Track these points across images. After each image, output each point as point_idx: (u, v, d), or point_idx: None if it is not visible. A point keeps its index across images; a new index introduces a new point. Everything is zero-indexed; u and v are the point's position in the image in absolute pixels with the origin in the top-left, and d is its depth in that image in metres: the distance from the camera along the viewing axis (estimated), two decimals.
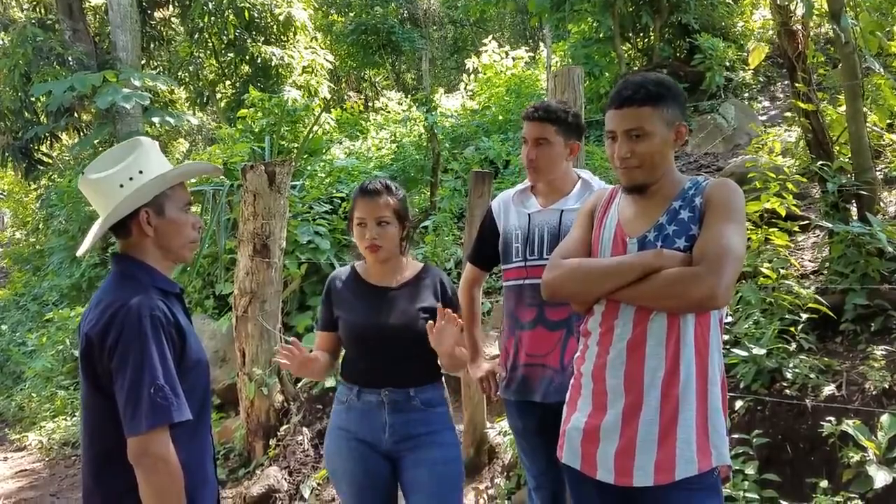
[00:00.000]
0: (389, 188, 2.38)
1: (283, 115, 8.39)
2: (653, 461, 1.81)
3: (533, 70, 11.92)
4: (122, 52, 11.33)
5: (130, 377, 1.64)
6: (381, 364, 2.35)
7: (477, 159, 8.15)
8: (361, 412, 2.35)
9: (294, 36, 14.26)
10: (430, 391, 2.38)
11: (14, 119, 12.60)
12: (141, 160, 1.82)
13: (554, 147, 2.52)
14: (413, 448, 2.33)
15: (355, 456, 2.35)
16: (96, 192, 1.80)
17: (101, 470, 1.74)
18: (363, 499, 2.36)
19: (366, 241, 2.34)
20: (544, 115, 2.53)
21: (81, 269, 9.03)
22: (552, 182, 2.59)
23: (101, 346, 1.67)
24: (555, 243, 2.41)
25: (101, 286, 1.83)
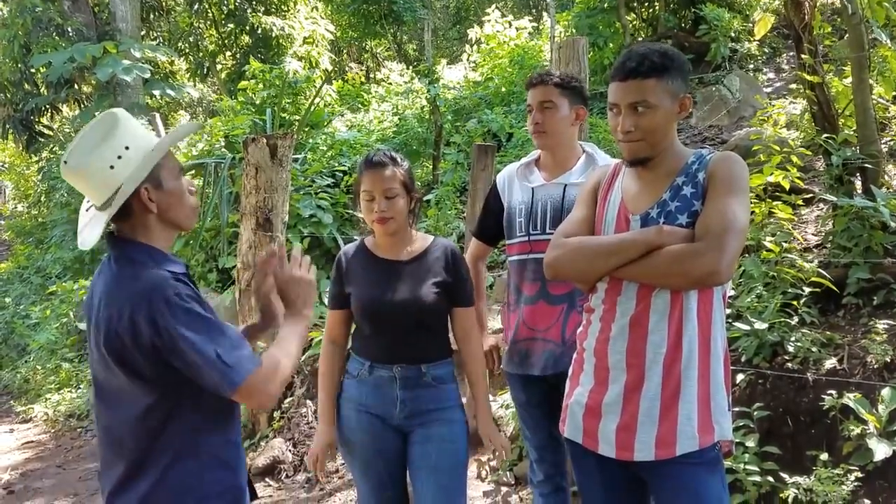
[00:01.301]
0: (395, 159, 2.36)
1: (285, 87, 8.33)
2: (654, 436, 1.82)
3: (536, 40, 11.80)
4: (121, 23, 11.25)
5: (192, 353, 1.60)
6: (392, 339, 2.34)
7: (479, 132, 8.10)
8: (374, 386, 2.35)
9: (294, 6, 14.13)
10: (442, 367, 2.37)
11: (14, 91, 12.56)
12: (124, 135, 1.69)
13: (559, 110, 2.50)
14: (423, 423, 2.34)
15: (367, 428, 2.35)
16: (85, 179, 1.67)
17: (147, 450, 1.69)
18: (375, 470, 2.37)
19: (374, 214, 2.31)
20: (547, 78, 2.52)
21: None
22: (558, 151, 2.56)
23: (137, 340, 1.60)
24: (558, 218, 2.42)
25: (107, 275, 1.71)
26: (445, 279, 2.35)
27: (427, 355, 2.35)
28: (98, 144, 1.66)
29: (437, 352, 2.38)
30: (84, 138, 1.68)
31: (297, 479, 4.41)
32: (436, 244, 2.44)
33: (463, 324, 2.41)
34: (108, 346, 1.63)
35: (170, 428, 1.69)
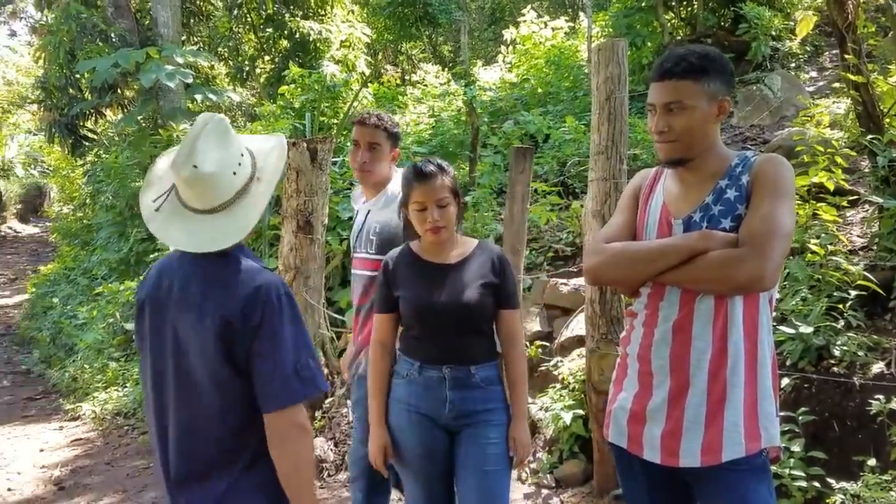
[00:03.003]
0: (442, 168, 2.39)
1: (324, 91, 8.41)
2: (699, 443, 1.81)
3: (573, 41, 11.74)
4: (163, 28, 11.46)
5: (278, 354, 1.67)
6: (442, 341, 2.37)
7: (517, 134, 8.08)
8: (423, 387, 2.38)
9: (331, 10, 14.25)
10: (489, 369, 2.40)
11: (60, 96, 12.86)
12: (239, 141, 1.77)
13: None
14: (470, 424, 2.36)
15: (416, 428, 2.38)
16: (213, 183, 1.70)
17: (231, 447, 1.74)
18: (423, 469, 2.40)
19: (428, 224, 2.35)
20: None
21: (129, 244, 9.22)
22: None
23: (244, 326, 1.67)
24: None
25: (208, 269, 1.75)
26: (492, 281, 2.38)
27: (475, 356, 2.37)
28: (225, 149, 1.73)
29: (485, 353, 2.40)
30: (209, 142, 1.72)
31: (339, 478, 4.46)
32: (481, 247, 2.47)
33: (509, 325, 2.43)
34: (218, 334, 1.68)
35: (254, 423, 1.73)
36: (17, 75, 25.61)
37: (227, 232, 1.74)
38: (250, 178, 1.77)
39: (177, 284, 1.77)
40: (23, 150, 26.63)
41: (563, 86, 9.75)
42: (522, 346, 2.48)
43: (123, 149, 11.15)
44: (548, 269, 5.66)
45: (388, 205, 2.80)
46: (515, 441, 2.38)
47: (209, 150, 1.70)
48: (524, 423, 2.42)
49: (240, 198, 1.74)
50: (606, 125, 3.21)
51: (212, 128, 1.74)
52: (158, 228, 1.80)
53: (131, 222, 9.67)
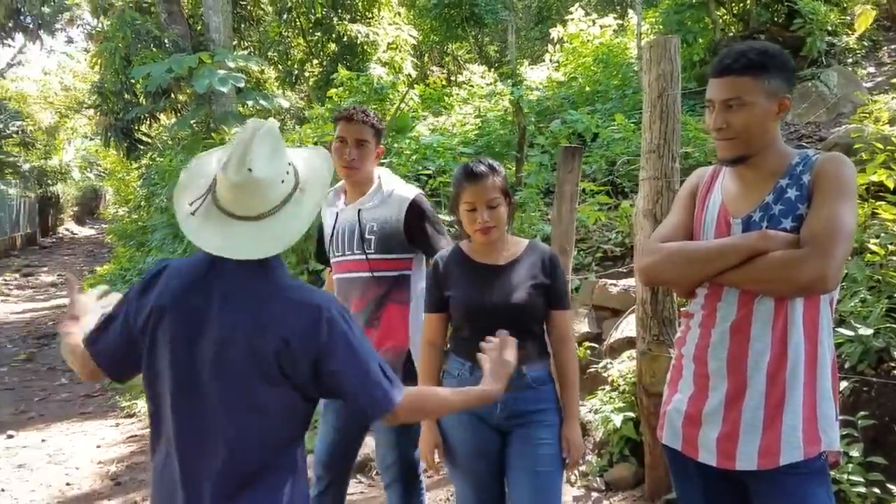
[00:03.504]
0: (493, 168, 2.37)
1: (371, 94, 8.49)
2: (757, 446, 1.78)
3: (621, 38, 11.61)
4: (214, 34, 11.70)
5: (362, 367, 1.67)
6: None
7: (564, 133, 8.03)
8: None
9: (378, 12, 14.38)
10: (541, 369, 2.38)
11: (115, 100, 13.26)
12: (287, 150, 1.74)
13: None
14: (522, 424, 2.35)
15: (467, 428, 2.38)
16: (261, 188, 1.66)
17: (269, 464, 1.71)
18: (474, 469, 2.40)
19: (478, 224, 2.34)
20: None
21: (183, 246, 9.41)
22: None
23: (306, 345, 1.63)
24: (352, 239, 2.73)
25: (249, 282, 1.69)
26: (543, 281, 2.36)
27: (526, 357, 2.34)
28: (276, 157, 1.69)
29: (536, 353, 2.38)
30: (262, 148, 1.67)
31: None
32: (532, 247, 2.45)
33: (560, 326, 2.41)
34: (274, 353, 1.63)
35: (293, 442, 1.74)
36: (74, 81, 26.47)
37: (267, 241, 1.67)
38: (294, 188, 1.72)
39: (217, 295, 1.68)
40: (79, 154, 27.51)
41: (612, 84, 9.65)
42: (573, 347, 2.46)
43: (177, 152, 11.41)
44: (596, 269, 5.61)
45: (385, 202, 2.73)
46: (569, 442, 2.36)
47: (263, 155, 1.66)
48: (577, 423, 2.40)
49: (282, 208, 1.69)
50: (658, 123, 3.17)
51: (265, 133, 1.70)
52: (192, 231, 1.71)
53: None
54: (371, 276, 2.69)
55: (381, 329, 2.70)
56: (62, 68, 26.75)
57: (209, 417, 1.67)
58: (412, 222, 2.72)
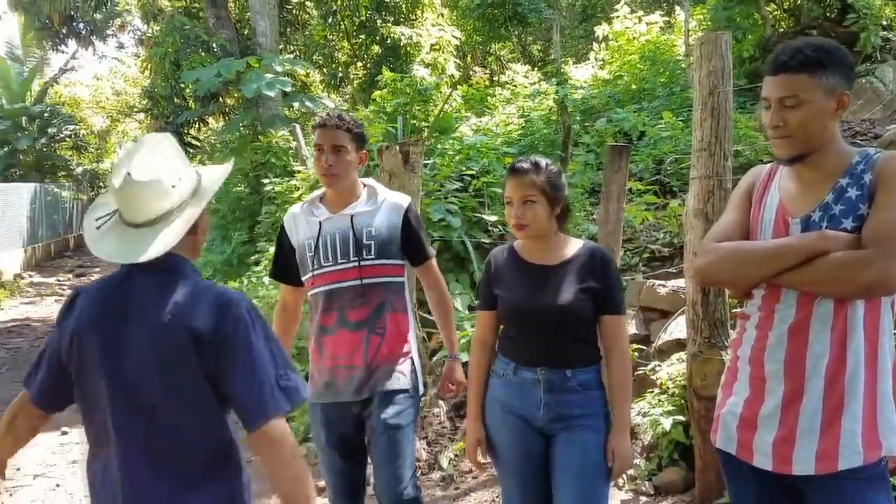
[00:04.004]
0: (538, 166, 2.34)
1: (415, 95, 8.52)
2: (814, 450, 1.74)
3: (668, 35, 11.45)
4: (261, 38, 11.87)
5: (254, 368, 1.66)
6: (537, 343, 2.34)
7: (610, 132, 7.95)
8: (518, 387, 2.35)
9: (422, 14, 14.43)
10: (588, 373, 2.33)
11: (165, 105, 13.56)
12: (181, 159, 1.78)
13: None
14: (567, 428, 2.31)
15: (511, 428, 2.37)
16: (147, 193, 1.69)
17: (213, 462, 1.73)
18: (519, 470, 2.38)
19: (513, 219, 2.34)
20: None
21: (232, 247, 9.59)
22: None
23: (213, 339, 1.66)
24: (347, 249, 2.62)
25: (159, 284, 1.72)
26: (592, 285, 2.31)
27: (572, 360, 2.32)
28: (163, 164, 1.72)
29: (584, 357, 2.35)
30: (146, 156, 1.73)
31: (432, 477, 4.49)
32: (587, 249, 2.39)
33: (610, 332, 2.35)
34: (187, 347, 1.65)
35: (232, 437, 1.74)
36: (125, 85, 27.14)
37: (153, 244, 1.70)
38: (191, 196, 1.77)
39: (130, 306, 1.72)
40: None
41: (659, 82, 9.52)
42: (625, 355, 2.37)
43: (226, 155, 11.61)
44: (643, 270, 5.53)
45: (380, 208, 2.66)
46: (614, 453, 2.30)
47: (145, 161, 1.71)
48: (624, 434, 2.32)
49: (178, 213, 1.73)
50: (710, 120, 3.10)
51: (152, 142, 1.77)
52: (93, 240, 1.77)
53: (234, 226, 10.05)
54: (361, 284, 2.59)
55: (387, 339, 2.62)
56: (113, 73, 27.45)
57: (147, 423, 1.69)
58: (408, 227, 2.69)
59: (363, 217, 2.63)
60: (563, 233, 2.45)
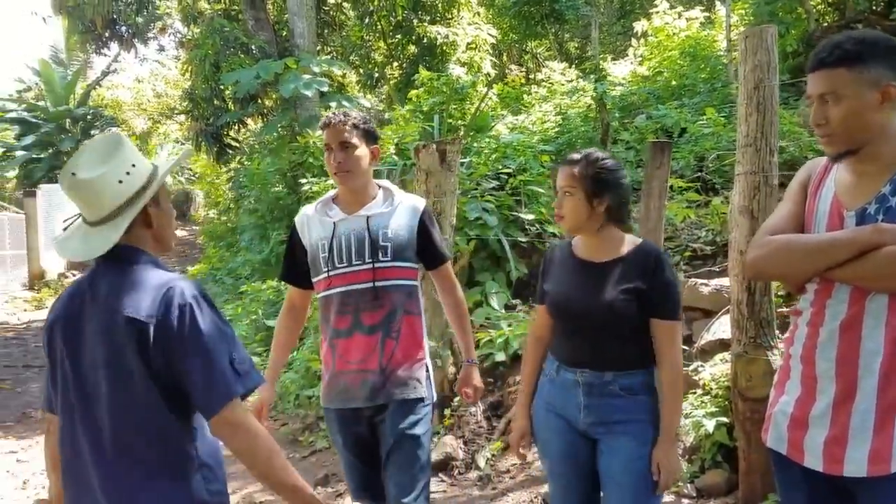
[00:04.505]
0: (587, 158, 2.26)
1: (452, 94, 8.51)
2: (866, 451, 1.68)
3: (709, 31, 11.27)
4: (299, 39, 11.97)
5: (206, 353, 1.65)
6: (579, 343, 2.29)
7: (651, 128, 7.84)
8: (560, 388, 2.31)
9: (458, 13, 14.42)
10: (633, 377, 2.23)
11: (206, 106, 13.73)
12: (129, 154, 1.78)
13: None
14: (609, 433, 2.24)
15: (554, 429, 2.34)
16: (93, 191, 1.72)
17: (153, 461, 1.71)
18: (561, 471, 2.35)
19: (556, 209, 2.30)
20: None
21: (270, 246, 9.70)
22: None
23: (159, 328, 1.65)
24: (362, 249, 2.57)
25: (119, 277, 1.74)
26: (639, 286, 2.20)
27: (615, 363, 2.23)
28: (108, 160, 1.73)
29: (627, 360, 2.25)
30: (92, 154, 1.75)
31: (469, 476, 4.48)
32: (641, 248, 2.28)
33: (659, 337, 2.23)
34: (128, 338, 1.65)
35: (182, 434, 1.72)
36: (165, 88, 27.60)
37: (102, 239, 1.73)
38: (143, 188, 1.76)
39: (88, 298, 1.76)
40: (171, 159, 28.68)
41: (700, 77, 9.38)
42: (675, 362, 2.24)
43: (264, 156, 11.74)
44: (685, 268, 5.44)
45: (396, 209, 2.61)
46: (659, 464, 2.19)
47: (90, 160, 1.73)
48: (670, 446, 2.21)
49: (129, 207, 1.74)
50: (755, 115, 3.04)
51: (99, 141, 1.78)
52: (59, 242, 1.82)
53: (272, 225, 10.16)
54: (373, 287, 2.53)
55: (401, 343, 2.56)
56: (154, 75, 27.93)
57: (101, 415, 1.71)
58: (425, 229, 2.65)
59: (379, 218, 2.57)
60: (620, 230, 2.31)
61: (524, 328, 5.19)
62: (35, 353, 9.88)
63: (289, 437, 5.59)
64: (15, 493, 5.07)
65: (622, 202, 2.29)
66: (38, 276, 16.39)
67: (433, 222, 2.71)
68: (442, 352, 5.00)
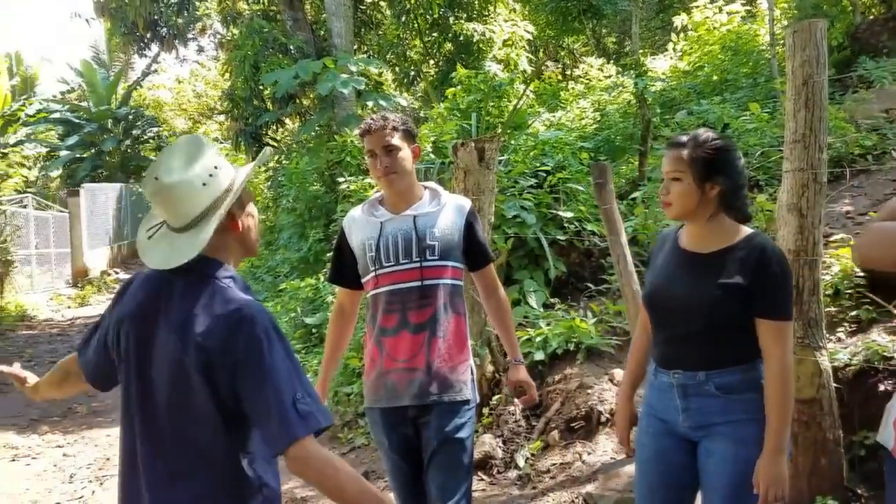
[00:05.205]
0: (695, 140, 2.11)
1: (489, 91, 8.49)
2: None
3: (751, 25, 11.07)
4: (336, 39, 12.05)
5: (271, 391, 1.59)
6: (671, 340, 2.17)
7: (693, 124, 7.73)
8: (658, 391, 2.23)
9: (494, 9, 14.38)
10: (730, 375, 2.08)
11: (245, 106, 13.90)
12: (212, 156, 1.73)
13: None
14: (708, 436, 2.12)
15: (650, 432, 2.26)
16: (177, 195, 1.68)
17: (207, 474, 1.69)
18: (648, 474, 2.27)
19: (660, 197, 2.19)
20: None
21: (309, 244, 9.79)
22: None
23: (224, 356, 1.61)
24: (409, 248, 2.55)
25: (189, 291, 1.71)
26: (740, 281, 2.04)
27: (710, 361, 2.10)
28: (190, 162, 1.69)
29: (724, 358, 2.10)
30: (174, 157, 1.71)
31: (508, 475, 4.46)
32: (749, 241, 2.10)
33: (763, 337, 2.07)
34: (198, 364, 1.63)
35: (232, 453, 1.68)
36: (205, 88, 28.01)
37: (183, 248, 1.68)
38: (225, 192, 1.71)
39: (163, 306, 1.71)
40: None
41: (742, 72, 9.22)
42: (782, 366, 2.05)
43: (302, 155, 11.84)
44: None
45: (443, 209, 2.60)
46: (758, 475, 2.02)
47: (173, 163, 1.69)
48: (774, 454, 2.03)
49: (214, 210, 1.69)
50: (803, 111, 2.97)
51: (181, 143, 1.74)
52: (144, 250, 1.77)
53: (310, 224, 10.25)
54: (421, 286, 2.52)
55: (447, 342, 2.54)
56: (194, 76, 28.35)
57: (157, 424, 1.69)
58: (471, 229, 2.63)
59: (426, 218, 2.57)
60: (732, 218, 2.15)
61: (563, 327, 5.16)
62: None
63: (328, 434, 5.62)
64: (62, 487, 5.19)
65: (737, 186, 2.12)
66: (81, 274, 16.79)
67: (479, 222, 2.70)
68: (480, 351, 5.00)
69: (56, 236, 16.46)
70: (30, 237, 14.85)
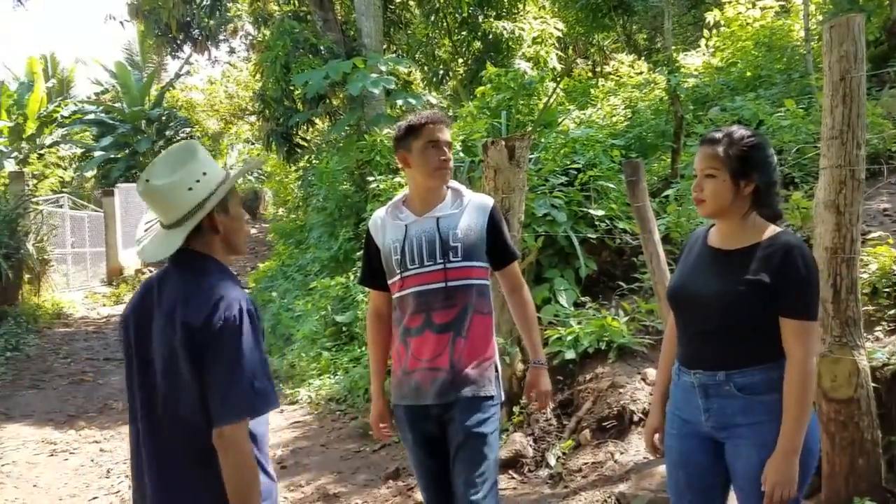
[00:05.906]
0: (730, 137, 2.09)
1: (519, 90, 8.47)
2: None
3: (784, 20, 10.90)
4: (366, 39, 12.10)
5: (230, 366, 1.74)
6: (692, 339, 2.17)
7: (727, 120, 7.64)
8: (682, 391, 2.23)
9: (523, 7, 14.33)
10: (751, 375, 2.05)
11: (276, 107, 14.02)
12: (202, 162, 1.90)
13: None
14: (731, 437, 2.11)
15: (674, 433, 2.25)
16: (165, 197, 1.86)
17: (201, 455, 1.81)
18: (677, 480, 2.26)
19: (693, 193, 2.17)
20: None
21: (339, 243, 9.85)
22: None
23: (203, 334, 1.76)
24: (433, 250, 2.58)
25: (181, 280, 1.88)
26: (762, 279, 2.01)
27: (729, 361, 2.08)
28: (180, 167, 1.86)
29: (744, 358, 2.07)
30: (167, 161, 1.89)
31: (539, 474, 4.46)
32: (775, 238, 2.07)
33: (785, 337, 2.03)
34: (183, 341, 1.77)
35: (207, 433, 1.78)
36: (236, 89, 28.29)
37: (168, 242, 1.87)
38: (209, 196, 1.87)
39: (156, 299, 1.88)
40: (241, 158, 29.41)
41: (776, 68, 9.08)
42: (803, 367, 2.00)
43: (333, 155, 11.92)
44: None
45: (465, 209, 2.62)
46: (766, 476, 2.00)
47: (163, 168, 1.86)
48: (784, 456, 1.99)
49: (196, 212, 1.86)
50: (841, 107, 2.92)
51: (174, 150, 1.92)
52: (138, 245, 1.96)
53: (340, 223, 10.33)
54: (445, 287, 2.54)
55: (471, 342, 2.56)
56: (226, 77, 28.66)
57: (156, 408, 1.85)
58: (494, 227, 2.64)
59: (449, 219, 2.59)
60: (762, 216, 2.13)
61: (595, 326, 5.13)
62: (115, 346, 10.31)
63: (359, 431, 5.67)
64: (99, 482, 5.30)
65: (770, 183, 2.11)
66: (116, 273, 17.10)
67: (502, 220, 2.72)
68: (510, 349, 4.99)
69: (91, 236, 16.78)
70: (66, 236, 15.15)
